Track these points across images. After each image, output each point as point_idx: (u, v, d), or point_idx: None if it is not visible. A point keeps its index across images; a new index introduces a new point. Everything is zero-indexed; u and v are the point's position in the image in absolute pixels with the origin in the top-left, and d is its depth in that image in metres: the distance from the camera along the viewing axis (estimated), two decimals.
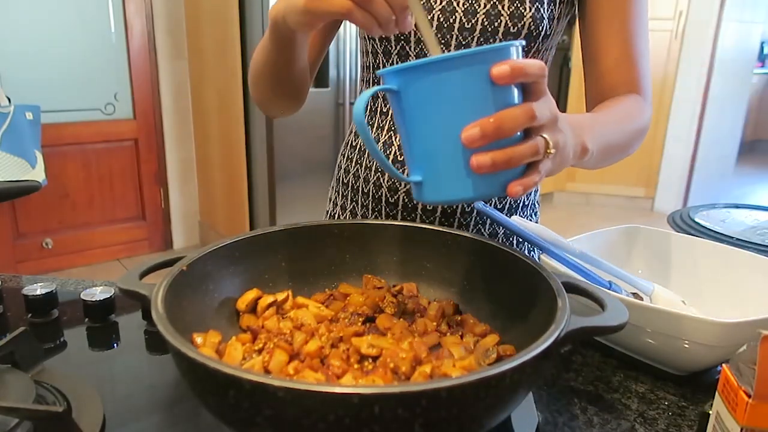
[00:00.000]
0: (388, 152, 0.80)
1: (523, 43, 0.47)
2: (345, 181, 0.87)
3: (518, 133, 0.45)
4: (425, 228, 0.63)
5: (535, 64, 0.44)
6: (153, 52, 2.90)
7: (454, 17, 0.72)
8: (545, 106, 0.45)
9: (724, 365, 0.41)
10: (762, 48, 5.48)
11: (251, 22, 2.52)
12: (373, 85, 0.84)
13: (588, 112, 0.74)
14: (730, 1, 3.72)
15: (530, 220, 0.86)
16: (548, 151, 0.45)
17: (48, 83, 2.64)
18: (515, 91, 0.45)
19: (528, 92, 0.45)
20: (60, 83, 2.67)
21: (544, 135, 0.45)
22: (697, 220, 1.03)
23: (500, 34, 0.71)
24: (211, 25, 2.78)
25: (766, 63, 5.97)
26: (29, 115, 1.55)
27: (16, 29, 2.52)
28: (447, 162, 0.45)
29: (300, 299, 0.58)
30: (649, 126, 0.75)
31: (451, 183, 0.45)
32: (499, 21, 0.70)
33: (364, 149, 0.84)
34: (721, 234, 0.95)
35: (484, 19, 0.71)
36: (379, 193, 0.81)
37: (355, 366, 0.47)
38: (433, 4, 0.73)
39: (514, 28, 0.71)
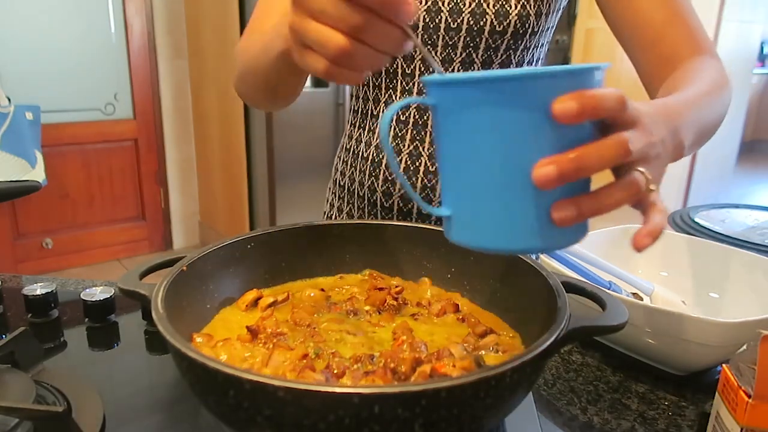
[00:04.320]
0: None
1: (609, 65, 0.37)
2: (341, 184, 0.86)
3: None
4: (425, 228, 0.62)
5: (611, 97, 0.34)
6: (153, 52, 2.90)
7: (439, 17, 0.72)
8: (638, 136, 0.36)
9: (724, 365, 0.41)
10: (762, 48, 5.48)
11: None
12: (365, 88, 0.82)
13: (655, 97, 0.64)
14: (730, 1, 3.71)
15: None
16: (649, 188, 0.36)
17: (48, 83, 2.64)
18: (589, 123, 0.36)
19: (609, 124, 0.36)
20: (60, 83, 2.67)
21: (640, 169, 0.36)
22: (697, 220, 1.03)
23: (486, 33, 0.71)
24: (211, 25, 2.78)
25: (766, 63, 5.97)
26: (29, 115, 1.55)
27: (16, 29, 2.52)
28: (493, 202, 0.35)
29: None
30: (731, 85, 0.64)
31: (494, 228, 0.36)
32: (484, 20, 0.70)
33: (359, 152, 0.83)
34: (721, 234, 0.95)
35: (470, 18, 0.70)
36: (374, 197, 0.80)
37: (355, 366, 0.47)
38: (418, 4, 0.73)
39: (500, 27, 0.70)
